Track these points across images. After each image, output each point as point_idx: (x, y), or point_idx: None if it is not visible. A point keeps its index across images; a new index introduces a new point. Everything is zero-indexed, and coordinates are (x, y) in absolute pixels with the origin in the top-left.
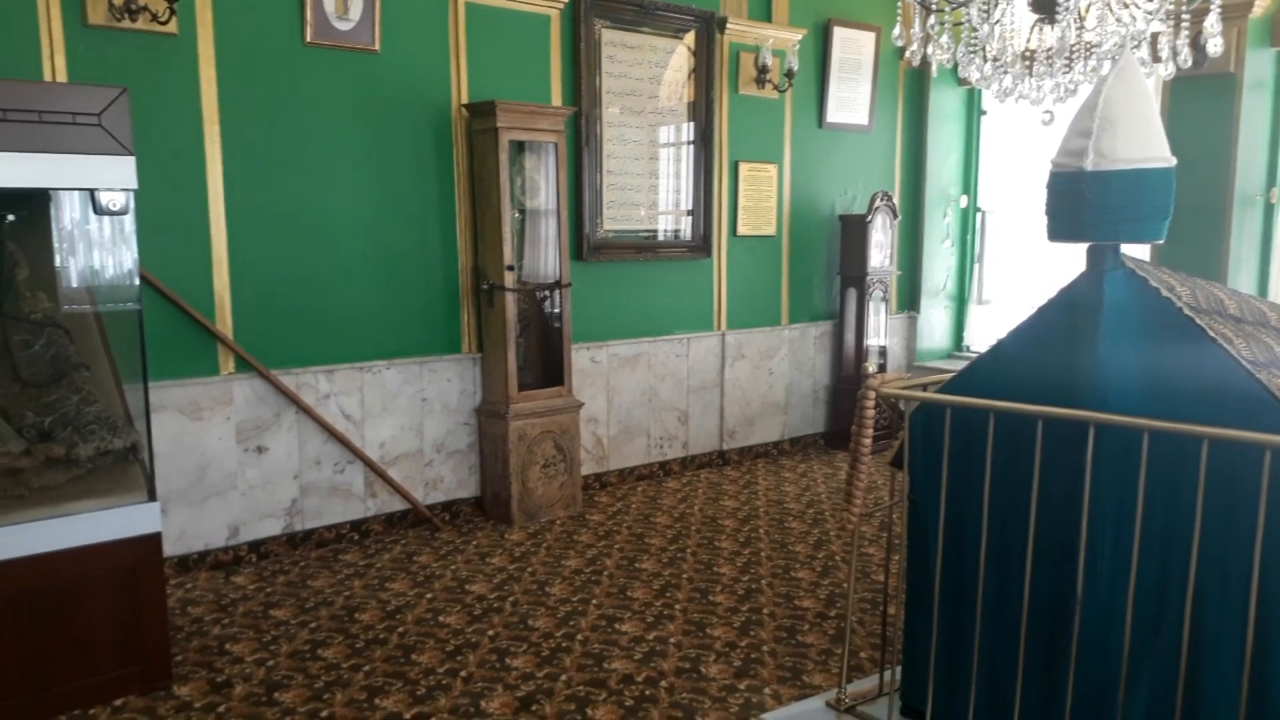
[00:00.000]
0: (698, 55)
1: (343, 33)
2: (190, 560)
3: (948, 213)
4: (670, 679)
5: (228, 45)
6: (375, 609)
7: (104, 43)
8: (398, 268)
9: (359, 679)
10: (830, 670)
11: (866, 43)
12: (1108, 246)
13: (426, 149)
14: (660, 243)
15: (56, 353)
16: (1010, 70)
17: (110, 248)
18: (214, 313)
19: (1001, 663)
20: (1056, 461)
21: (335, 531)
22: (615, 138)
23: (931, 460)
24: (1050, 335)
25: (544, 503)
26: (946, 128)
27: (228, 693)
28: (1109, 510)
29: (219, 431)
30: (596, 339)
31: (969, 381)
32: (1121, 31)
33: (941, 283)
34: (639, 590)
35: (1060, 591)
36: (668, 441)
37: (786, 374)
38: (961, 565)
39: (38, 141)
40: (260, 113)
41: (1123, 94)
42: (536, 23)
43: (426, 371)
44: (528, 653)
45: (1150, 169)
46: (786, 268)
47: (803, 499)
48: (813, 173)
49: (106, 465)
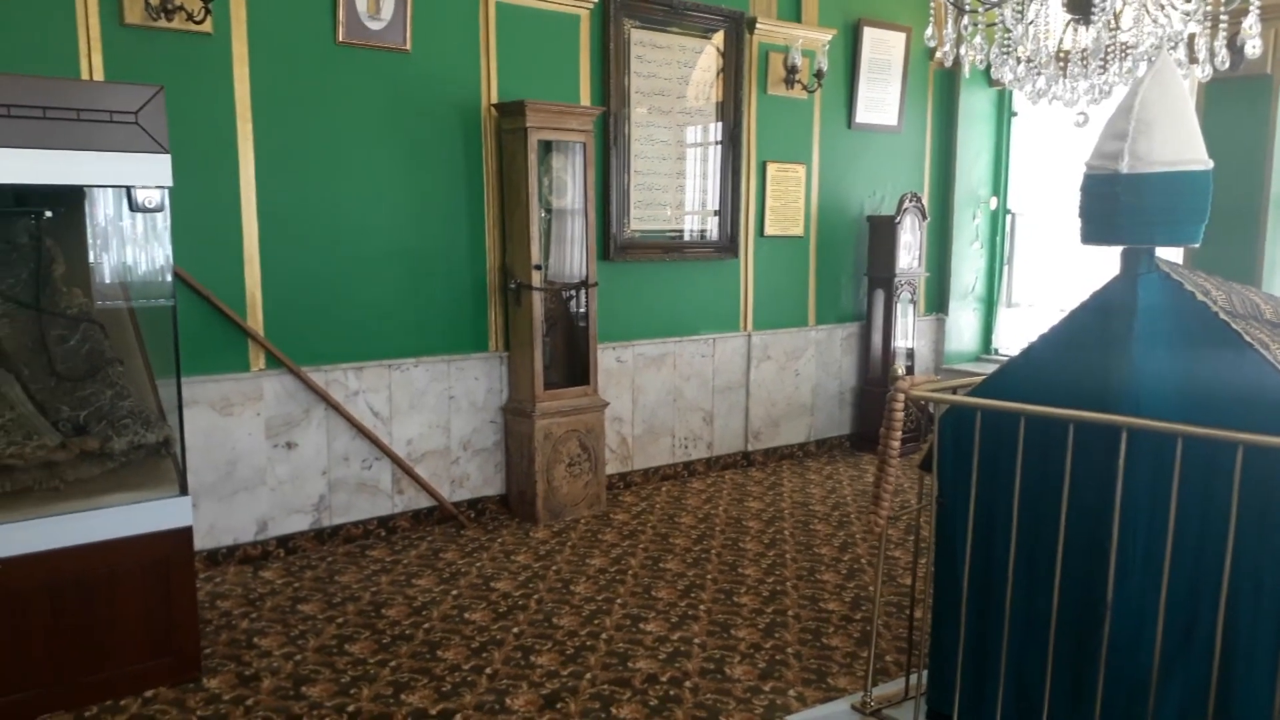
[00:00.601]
0: (726, 55)
1: (374, 32)
2: (219, 554)
3: (977, 214)
4: (695, 679)
5: (261, 44)
6: (402, 605)
7: (140, 42)
8: (426, 266)
9: (385, 674)
10: (855, 673)
11: (896, 43)
12: (1142, 250)
13: (456, 148)
14: (687, 243)
15: (92, 348)
16: (1044, 71)
17: (145, 244)
18: (245, 309)
19: (1029, 667)
20: (1088, 466)
21: (363, 527)
22: (643, 137)
23: (961, 463)
24: (1083, 339)
25: (569, 501)
26: (977, 129)
27: (256, 686)
28: (1141, 515)
29: (249, 427)
30: (622, 338)
31: (1000, 385)
32: (1158, 33)
33: (970, 285)
34: (663, 590)
35: (1090, 596)
36: (692, 442)
37: (813, 375)
38: (990, 569)
39: (76, 139)
40: (292, 111)
41: (1159, 96)
42: (566, 22)
43: (454, 369)
44: (552, 650)
45: (1187, 172)
46: (814, 268)
47: (828, 501)
48: (841, 173)
49: (139, 459)
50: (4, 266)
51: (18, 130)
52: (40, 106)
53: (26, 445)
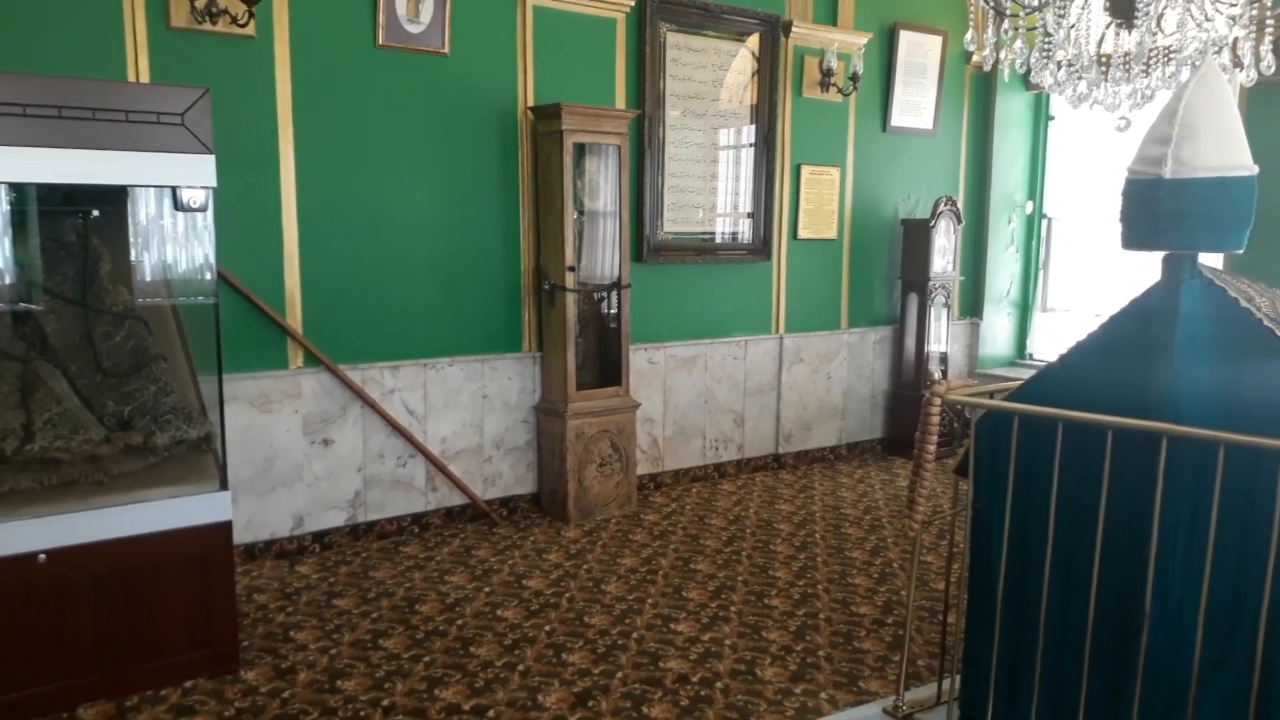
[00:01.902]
0: (761, 58)
1: (413, 35)
2: (256, 549)
3: (1013, 219)
4: (726, 680)
5: (302, 47)
6: (435, 601)
7: (185, 45)
8: (462, 267)
9: (419, 669)
10: (887, 677)
11: (933, 46)
12: (1185, 255)
13: (492, 150)
14: (719, 245)
15: (136, 344)
16: (1085, 76)
17: (187, 243)
18: (284, 308)
19: (1065, 675)
20: (1126, 474)
21: (396, 524)
22: (677, 140)
23: (997, 469)
24: (1122, 346)
25: (599, 501)
26: (1013, 133)
27: (292, 679)
28: (1181, 524)
29: (287, 424)
30: (654, 340)
31: (1037, 390)
32: (1202, 37)
33: (1005, 289)
34: (694, 591)
35: (1128, 604)
36: (723, 444)
37: (845, 378)
38: (1025, 575)
39: (124, 140)
40: (332, 113)
41: (1204, 100)
42: (602, 26)
43: (488, 369)
44: (584, 649)
45: (1232, 177)
46: (847, 271)
47: (860, 505)
48: (876, 176)
49: (181, 454)
50: (53, 264)
51: (68, 131)
52: (90, 108)
53: (73, 439)
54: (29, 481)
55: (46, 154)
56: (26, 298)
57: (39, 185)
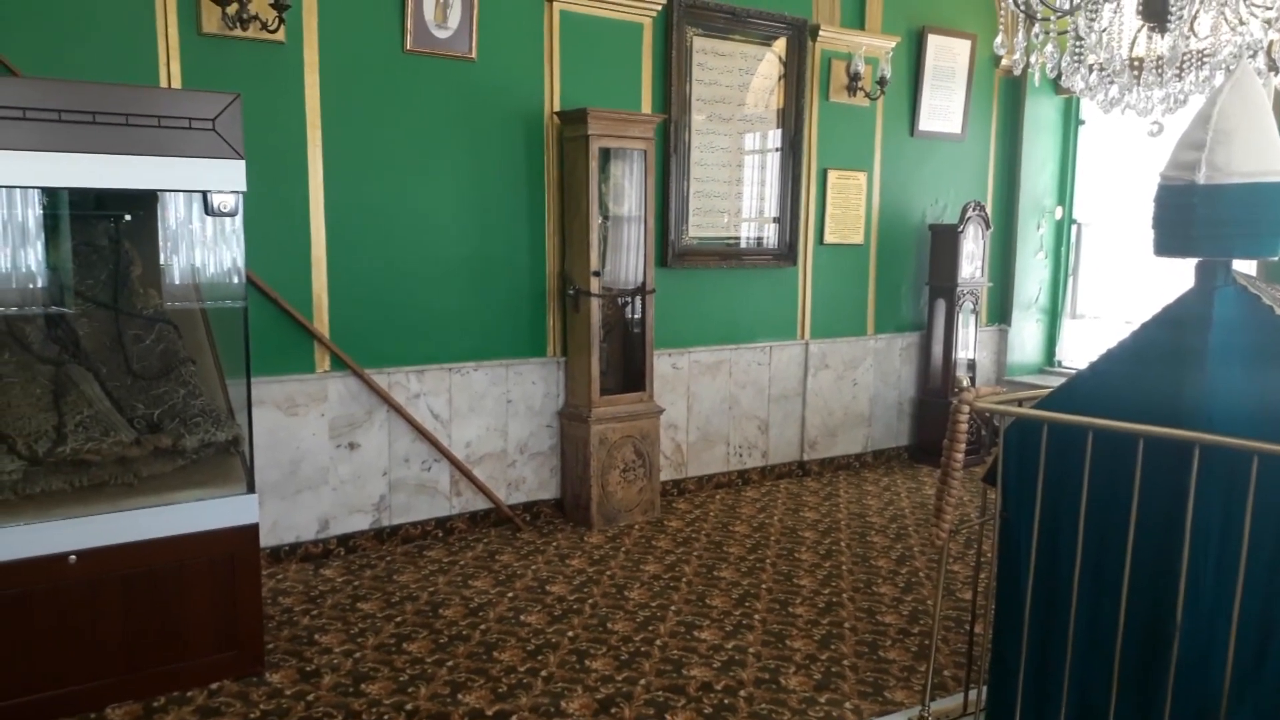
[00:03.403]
0: (788, 63)
1: (441, 41)
2: (282, 551)
3: (1042, 224)
4: (749, 689)
5: (331, 53)
6: (459, 605)
7: (216, 50)
8: (488, 271)
9: (443, 674)
10: (913, 687)
11: (961, 50)
12: (1218, 262)
13: (518, 155)
14: (745, 250)
15: (166, 347)
16: (1117, 80)
17: (217, 247)
18: (311, 312)
19: (1094, 687)
20: (1157, 483)
21: (421, 528)
22: (703, 145)
23: (1025, 477)
24: (1154, 353)
25: (623, 507)
26: (1042, 137)
27: (317, 682)
28: (1213, 534)
29: (313, 427)
30: (678, 345)
31: (1067, 398)
32: (1236, 40)
33: (1034, 296)
34: (717, 598)
35: (1158, 616)
36: (747, 450)
37: (871, 385)
38: (1054, 585)
39: (156, 145)
40: (360, 118)
41: (1239, 105)
42: (629, 31)
43: (512, 374)
44: (607, 655)
45: (1267, 183)
46: (873, 277)
47: (885, 513)
48: (903, 181)
49: (209, 457)
50: (85, 268)
51: (102, 136)
52: (122, 114)
53: (103, 441)
54: (60, 483)
55: (80, 159)
56: (59, 301)
57: (72, 190)
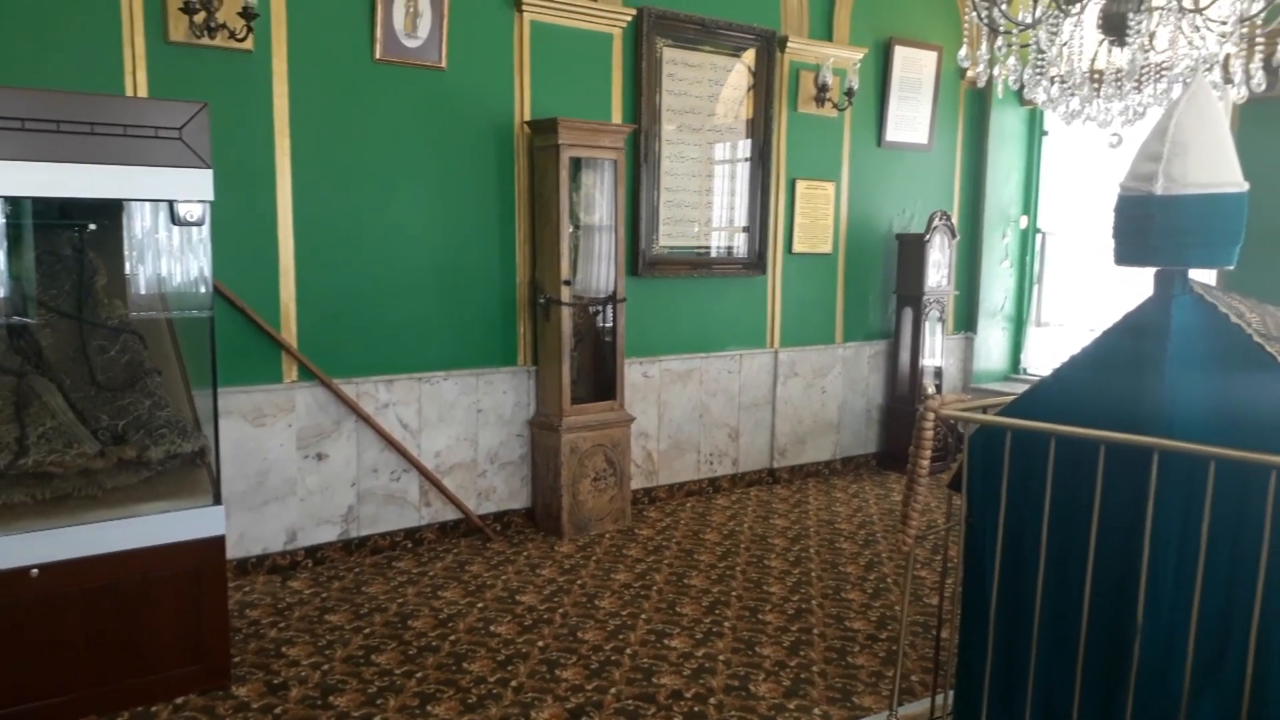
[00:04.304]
0: (757, 73)
1: (411, 50)
2: (249, 563)
3: (1007, 233)
4: (719, 696)
5: (300, 62)
6: (428, 616)
7: (184, 59)
8: (458, 281)
9: (411, 685)
10: (881, 693)
11: (928, 62)
12: (1176, 271)
13: (489, 164)
14: (715, 259)
15: (131, 358)
16: (1078, 92)
17: (184, 257)
18: (279, 321)
19: (1058, 690)
20: (1119, 488)
21: (390, 539)
22: (673, 155)
23: (990, 483)
24: (1115, 360)
25: (594, 515)
26: (1007, 148)
27: (284, 695)
28: (1172, 539)
29: (280, 438)
30: (649, 354)
31: (1030, 405)
32: (1193, 54)
33: (999, 304)
34: (688, 606)
35: (1120, 620)
36: (718, 458)
37: (839, 393)
38: (1018, 590)
39: (122, 154)
40: (330, 127)
41: (1195, 118)
42: (599, 41)
43: (482, 383)
44: (577, 665)
45: (1222, 194)
46: (842, 286)
47: (854, 520)
48: (870, 191)
49: (175, 468)
50: (48, 278)
51: (66, 145)
52: (88, 122)
53: (66, 453)
54: (22, 496)
55: (45, 168)
56: (22, 311)
57: (35, 199)
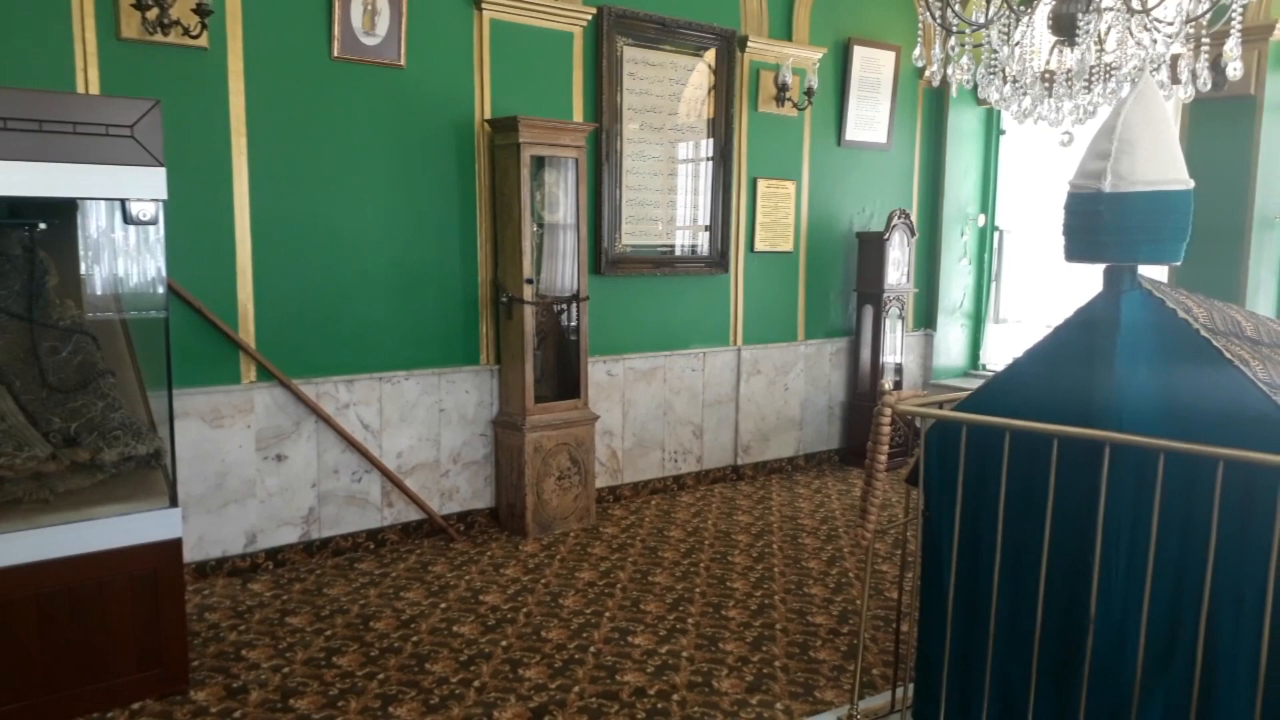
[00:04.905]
0: (718, 73)
1: (369, 48)
2: (208, 566)
3: (965, 231)
4: (682, 692)
5: (256, 59)
6: (390, 618)
7: (136, 56)
8: (418, 279)
9: (373, 687)
10: (842, 686)
11: (886, 62)
12: (1125, 267)
13: (449, 163)
14: (678, 258)
15: (84, 359)
16: (1029, 91)
17: (138, 256)
18: (237, 322)
19: (1014, 681)
20: (1072, 480)
21: (352, 540)
22: (635, 153)
23: (946, 477)
24: (1067, 355)
25: (558, 514)
26: (965, 146)
27: (243, 699)
28: (1124, 530)
29: (239, 439)
30: (613, 352)
31: (985, 400)
32: (1141, 54)
33: (958, 301)
34: (652, 603)
35: (1074, 610)
36: (682, 455)
37: (802, 390)
38: (975, 583)
39: (72, 152)
40: (287, 126)
41: (1141, 117)
42: (559, 40)
43: (445, 382)
44: (540, 664)
45: (1169, 191)
46: (803, 284)
47: (817, 515)
48: (831, 190)
49: (130, 471)
50: None
51: (14, 143)
52: (37, 120)
53: (17, 457)
54: None
55: None
56: None
57: None
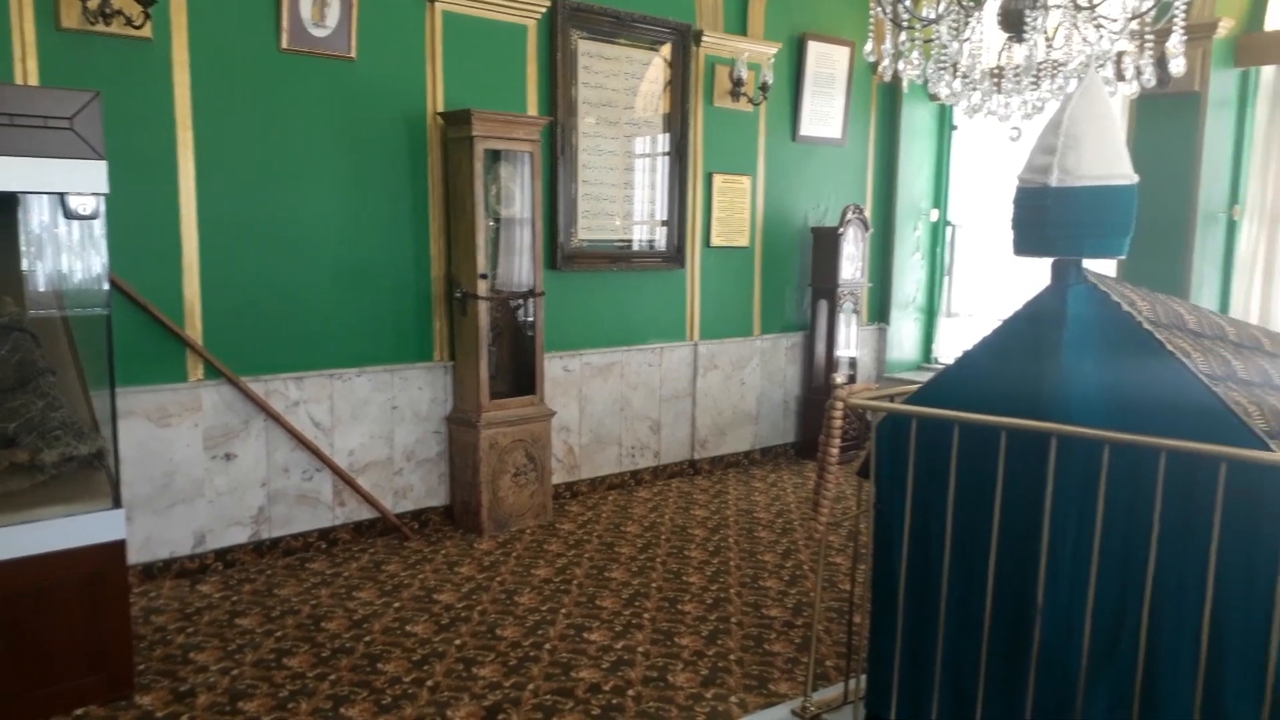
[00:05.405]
0: (674, 67)
1: (319, 40)
2: (155, 568)
3: (918, 226)
4: (637, 688)
5: (202, 50)
6: (342, 618)
7: (77, 46)
8: (370, 275)
9: (324, 688)
10: (796, 678)
11: (840, 57)
12: (1071, 261)
13: (401, 156)
14: (635, 253)
15: (23, 358)
16: (979, 87)
17: (80, 252)
18: (184, 318)
19: (965, 671)
20: (1020, 472)
21: (303, 540)
22: (591, 148)
23: (897, 470)
24: (1015, 348)
25: (514, 512)
26: (918, 142)
27: (191, 702)
28: (1070, 520)
29: (187, 438)
30: (570, 348)
31: (935, 393)
32: (1087, 51)
33: (911, 295)
34: (608, 599)
35: (1022, 600)
36: (639, 451)
37: (758, 384)
38: (926, 574)
39: (8, 144)
40: (234, 119)
41: (1087, 112)
42: (513, 33)
43: (398, 379)
44: (495, 662)
45: (1113, 186)
46: (759, 279)
47: (772, 508)
48: (786, 185)
49: (71, 471)
50: None
51: None
52: None
53: None
54: None
55: None
56: None
57: None
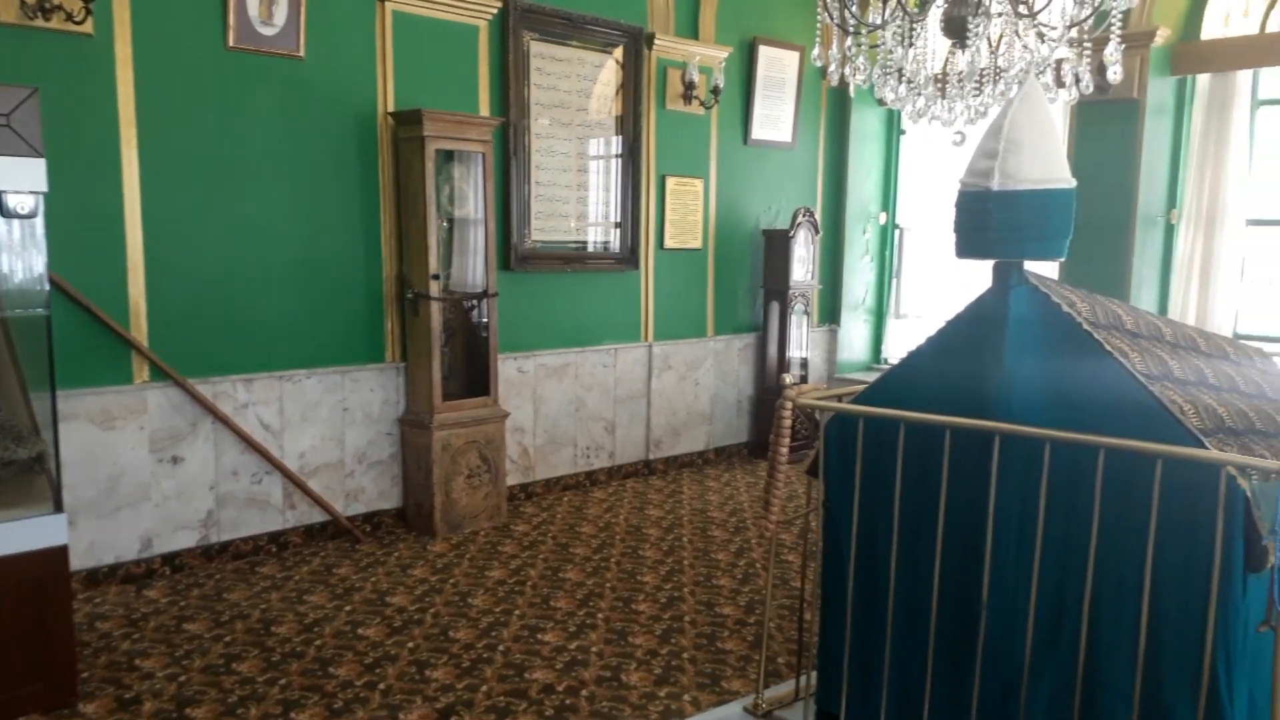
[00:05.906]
0: (626, 70)
1: (266, 38)
2: (100, 573)
3: (867, 229)
4: (591, 688)
5: (146, 47)
6: (292, 622)
7: (15, 42)
8: (320, 276)
9: (274, 693)
10: (749, 676)
11: (790, 62)
12: (1013, 263)
13: (351, 156)
14: (589, 254)
15: None
16: (923, 92)
17: (19, 251)
18: (129, 319)
19: (912, 666)
20: (964, 470)
21: (252, 543)
22: (544, 149)
23: (845, 468)
24: (959, 348)
25: (468, 513)
26: (867, 146)
27: (136, 710)
28: (1013, 517)
29: (132, 441)
30: (524, 349)
31: (882, 392)
32: (1028, 57)
33: (861, 297)
34: (562, 600)
35: (967, 596)
36: (594, 451)
37: (712, 385)
38: (874, 571)
39: None
40: (180, 117)
41: (1027, 118)
42: (464, 33)
43: (348, 381)
44: (448, 664)
45: (1053, 189)
46: (712, 280)
47: (726, 507)
48: (738, 188)
49: (10, 476)
50: None
51: None
52: None
53: None
54: None
55: None
56: None
57: None
